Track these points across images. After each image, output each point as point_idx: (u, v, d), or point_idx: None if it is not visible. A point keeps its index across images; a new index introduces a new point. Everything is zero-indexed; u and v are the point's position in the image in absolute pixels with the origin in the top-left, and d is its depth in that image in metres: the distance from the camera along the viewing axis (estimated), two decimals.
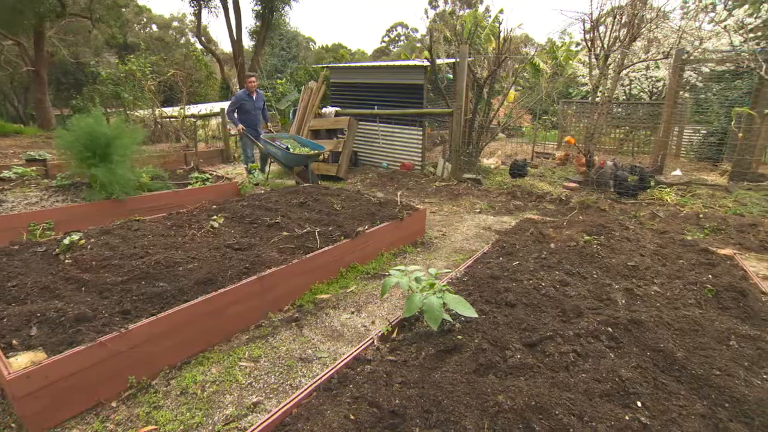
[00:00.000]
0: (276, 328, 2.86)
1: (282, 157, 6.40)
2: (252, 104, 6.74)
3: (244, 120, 6.69)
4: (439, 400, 1.45)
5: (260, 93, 6.95)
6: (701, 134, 9.35)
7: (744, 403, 1.52)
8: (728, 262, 3.12)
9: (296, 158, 6.42)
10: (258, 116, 6.90)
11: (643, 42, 8.60)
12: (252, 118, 6.78)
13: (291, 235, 3.52)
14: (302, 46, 25.30)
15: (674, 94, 7.36)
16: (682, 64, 7.50)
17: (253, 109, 6.76)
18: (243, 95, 6.74)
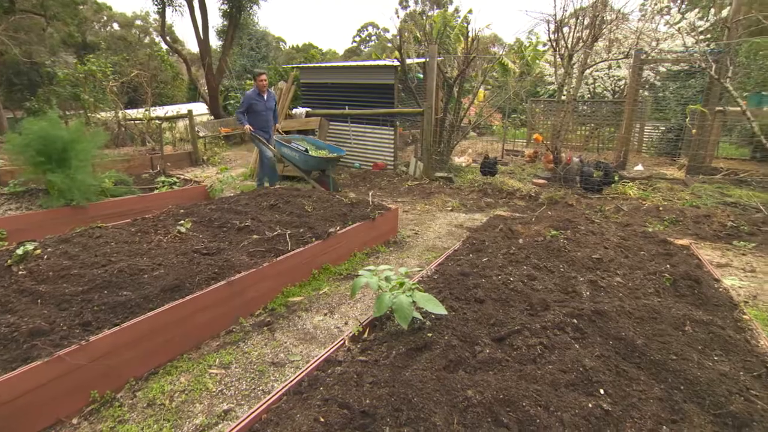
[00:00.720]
0: (247, 333, 2.81)
1: (299, 161, 5.83)
2: (263, 105, 6.19)
3: (253, 122, 6.15)
4: (409, 398, 1.46)
5: (271, 93, 6.42)
6: (660, 131, 9.78)
7: (697, 385, 1.60)
8: (685, 252, 3.27)
9: (316, 161, 5.81)
10: (269, 118, 6.36)
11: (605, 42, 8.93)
12: (263, 119, 6.22)
13: (261, 238, 3.46)
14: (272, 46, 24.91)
15: (634, 92, 7.67)
16: (640, 63, 7.82)
17: (264, 110, 6.21)
18: (253, 95, 6.18)
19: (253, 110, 6.15)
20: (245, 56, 19.20)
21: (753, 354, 1.90)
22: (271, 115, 6.42)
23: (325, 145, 6.38)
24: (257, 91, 6.17)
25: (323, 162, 5.86)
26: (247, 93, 6.29)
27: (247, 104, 6.15)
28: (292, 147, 5.85)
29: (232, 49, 14.22)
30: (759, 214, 5.08)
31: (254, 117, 6.15)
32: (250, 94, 6.22)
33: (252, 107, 6.14)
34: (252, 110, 6.15)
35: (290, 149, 5.83)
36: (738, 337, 2.02)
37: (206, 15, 11.95)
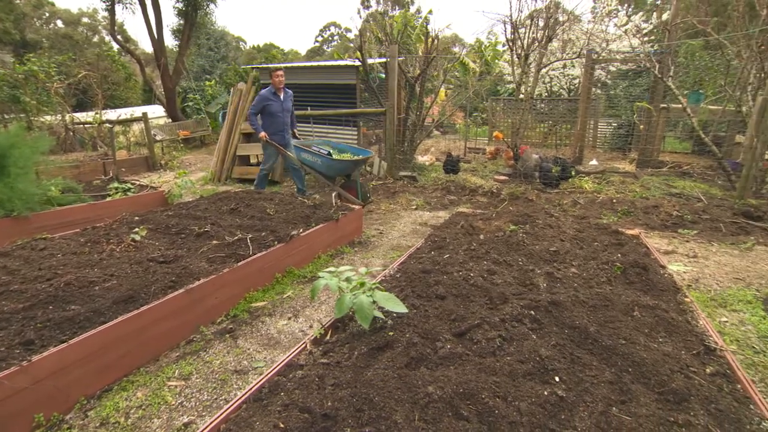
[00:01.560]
0: (209, 342, 2.72)
1: (323, 166, 5.18)
2: (279, 105, 5.48)
3: (269, 126, 5.42)
4: (370, 398, 1.46)
5: (288, 92, 5.69)
6: (612, 127, 10.26)
7: (643, 366, 1.69)
8: (635, 241, 3.45)
9: (341, 165, 5.20)
10: (287, 120, 5.64)
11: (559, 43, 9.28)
12: (280, 122, 5.51)
13: (221, 244, 3.37)
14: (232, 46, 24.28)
15: (587, 90, 8.02)
16: (592, 63, 8.18)
17: (280, 111, 5.50)
18: (268, 95, 5.45)
19: (268, 112, 5.44)
20: (203, 56, 18.61)
21: (693, 334, 2.03)
22: (288, 118, 5.71)
23: (347, 147, 5.76)
24: (273, 90, 5.47)
25: (350, 166, 5.26)
26: (261, 92, 5.55)
27: (260, 105, 5.42)
28: (312, 151, 5.26)
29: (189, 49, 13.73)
30: (700, 204, 5.43)
31: (270, 120, 5.47)
32: (265, 93, 5.49)
33: (267, 108, 5.42)
34: (267, 112, 5.45)
35: (311, 154, 5.23)
36: (680, 319, 2.15)
37: (160, 13, 11.48)
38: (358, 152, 5.62)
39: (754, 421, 1.51)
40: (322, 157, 5.15)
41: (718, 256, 4.20)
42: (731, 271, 3.85)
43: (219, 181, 7.50)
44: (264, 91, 5.53)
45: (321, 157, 5.15)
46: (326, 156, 5.14)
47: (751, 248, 4.37)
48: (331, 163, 5.14)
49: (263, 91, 5.53)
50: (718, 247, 4.44)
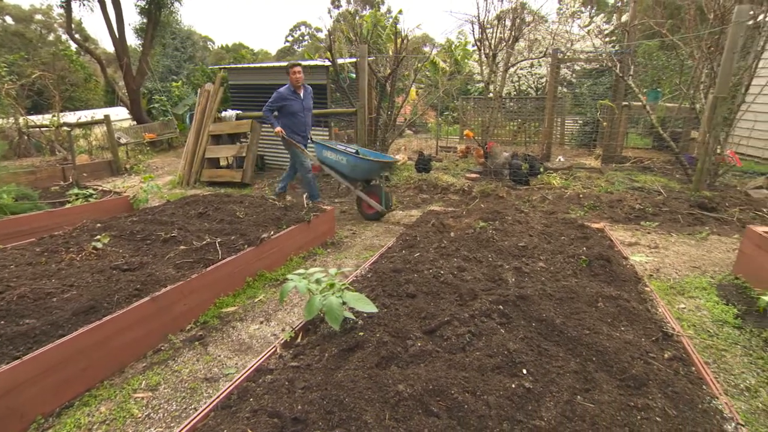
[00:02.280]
0: (178, 350, 2.65)
1: (347, 166, 4.76)
2: (299, 104, 5.15)
3: (289, 126, 5.12)
4: (340, 399, 1.45)
5: (308, 89, 5.34)
6: (578, 124, 10.59)
7: (606, 355, 1.75)
8: (599, 235, 3.57)
9: (369, 166, 4.74)
10: (308, 120, 5.32)
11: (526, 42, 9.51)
12: (300, 122, 5.18)
13: (189, 249, 3.28)
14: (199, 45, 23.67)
15: (553, 89, 8.23)
16: (558, 62, 8.41)
17: (301, 110, 5.17)
18: (286, 93, 5.10)
19: (288, 111, 5.13)
20: (169, 56, 18.06)
21: (652, 321, 2.12)
22: (309, 117, 5.37)
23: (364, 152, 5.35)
24: (291, 88, 5.12)
25: (377, 168, 4.81)
26: (279, 90, 5.16)
27: (277, 104, 5.10)
28: (337, 149, 4.86)
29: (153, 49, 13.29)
30: (660, 197, 5.68)
31: (288, 120, 5.15)
32: (283, 91, 5.12)
33: (285, 108, 5.12)
34: (286, 111, 5.14)
35: (335, 152, 4.82)
36: (641, 307, 2.24)
37: (121, 11, 11.04)
38: (378, 156, 5.27)
39: (705, 400, 1.59)
40: (348, 156, 4.71)
41: (676, 246, 4.40)
42: (688, 260, 4.04)
43: (188, 184, 7.30)
44: (282, 89, 5.15)
45: (347, 156, 4.71)
46: (354, 155, 4.73)
47: (706, 238, 4.61)
48: (358, 163, 4.70)
49: (282, 90, 5.15)
50: (676, 237, 4.66)
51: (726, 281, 3.53)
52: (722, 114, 5.63)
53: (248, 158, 7.05)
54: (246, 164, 7.03)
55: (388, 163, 4.88)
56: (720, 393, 1.67)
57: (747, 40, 5.86)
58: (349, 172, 4.83)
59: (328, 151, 4.92)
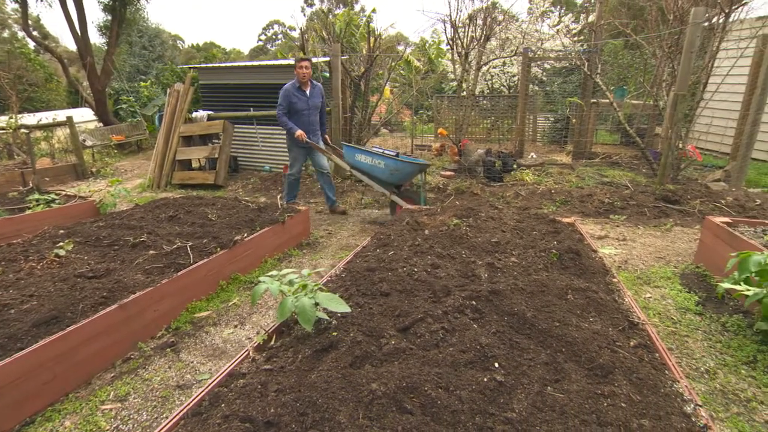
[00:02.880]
0: (148, 358, 2.57)
1: (385, 171, 4.51)
2: (305, 102, 4.83)
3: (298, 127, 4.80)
4: (314, 401, 1.44)
5: (317, 86, 5.01)
6: (550, 121, 10.85)
7: (575, 345, 1.80)
8: (570, 229, 3.66)
9: (409, 169, 4.54)
10: (315, 119, 5.01)
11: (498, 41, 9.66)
12: (305, 121, 4.87)
13: (159, 253, 3.19)
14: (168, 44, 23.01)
15: (525, 87, 8.40)
16: (528, 61, 8.58)
17: (306, 108, 4.84)
18: (291, 89, 4.75)
19: (293, 110, 4.82)
20: (137, 56, 17.50)
21: (619, 311, 2.19)
22: (317, 116, 5.02)
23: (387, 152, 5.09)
24: (297, 84, 4.78)
25: (416, 171, 4.65)
26: (285, 86, 4.80)
27: (286, 102, 4.74)
28: (374, 152, 4.62)
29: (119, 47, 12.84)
30: (627, 191, 5.88)
31: (293, 119, 4.85)
32: (289, 87, 4.76)
33: (291, 106, 4.79)
34: (291, 110, 4.82)
35: (371, 156, 4.58)
36: (608, 298, 2.31)
37: (83, 8, 10.60)
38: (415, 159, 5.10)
39: (667, 384, 1.65)
40: (387, 159, 4.48)
41: (643, 238, 4.57)
42: (654, 251, 4.20)
43: (158, 187, 7.10)
44: (287, 85, 4.82)
45: (386, 159, 4.49)
46: (394, 158, 4.51)
47: (670, 229, 4.80)
48: (399, 167, 4.48)
49: (287, 86, 4.81)
50: (643, 229, 4.83)
51: (688, 270, 3.69)
52: (683, 111, 5.86)
53: (221, 159, 6.91)
54: (219, 166, 6.89)
55: (425, 165, 4.76)
56: (681, 377, 1.74)
57: (704, 40, 6.13)
58: (387, 177, 4.60)
59: (361, 155, 4.68)
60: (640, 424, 1.44)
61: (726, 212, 4.93)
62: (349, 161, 4.84)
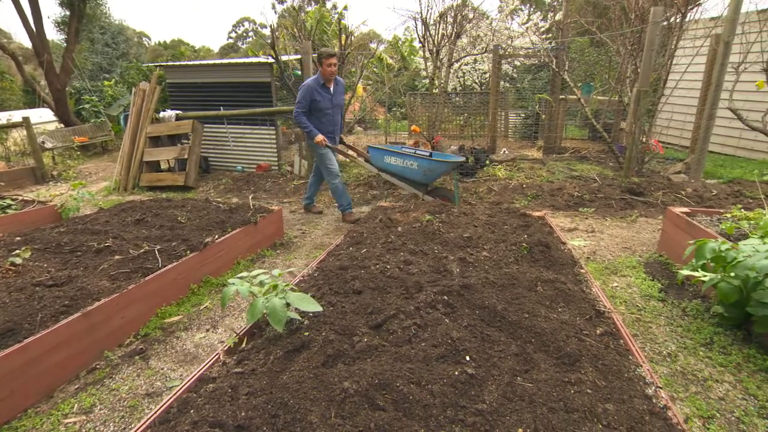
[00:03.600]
0: (115, 367, 2.49)
1: (419, 171, 4.38)
2: (329, 100, 4.46)
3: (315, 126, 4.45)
4: (285, 402, 1.43)
5: (340, 82, 4.62)
6: (521, 117, 11.06)
7: (544, 336, 1.85)
8: (540, 222, 3.74)
9: (444, 168, 4.43)
10: (337, 119, 4.64)
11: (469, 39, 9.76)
12: (329, 121, 4.52)
13: (125, 258, 3.08)
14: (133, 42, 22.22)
15: (496, 84, 8.53)
16: (499, 58, 8.72)
17: (330, 107, 4.49)
18: (315, 85, 4.33)
19: (315, 108, 4.43)
20: (99, 53, 16.82)
21: (586, 301, 2.26)
22: (339, 115, 4.66)
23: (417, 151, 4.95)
24: (321, 80, 4.35)
25: (449, 169, 4.55)
26: (307, 83, 4.39)
27: (307, 100, 4.33)
28: (405, 153, 4.45)
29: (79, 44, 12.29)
30: (595, 184, 6.06)
31: (315, 119, 4.48)
32: (311, 84, 4.34)
33: (313, 104, 4.39)
34: (313, 109, 4.43)
35: (403, 158, 4.41)
36: (576, 288, 2.38)
37: (36, 2, 10.08)
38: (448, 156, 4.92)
39: (631, 369, 1.72)
40: (420, 160, 4.35)
41: (611, 229, 4.72)
42: (621, 241, 4.35)
43: (125, 190, 6.86)
44: (310, 81, 4.39)
45: (419, 160, 4.35)
46: (427, 158, 4.39)
47: (635, 220, 4.98)
48: (434, 167, 4.38)
49: (309, 81, 4.39)
50: (610, 221, 5.00)
51: (652, 259, 3.84)
52: (646, 106, 6.09)
53: (191, 160, 6.73)
54: (189, 166, 6.71)
55: (462, 161, 4.65)
56: (644, 361, 1.81)
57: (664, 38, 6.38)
58: (421, 178, 4.49)
59: (391, 157, 4.51)
60: (604, 408, 1.50)
61: (686, 203, 5.16)
62: (378, 164, 4.65)
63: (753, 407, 2.04)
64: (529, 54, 9.71)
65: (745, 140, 7.84)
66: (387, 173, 4.64)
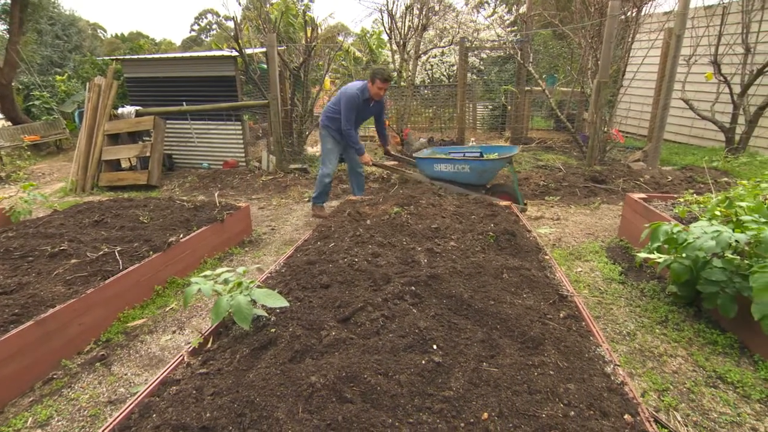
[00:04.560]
0: (75, 376, 2.38)
1: (473, 174, 4.27)
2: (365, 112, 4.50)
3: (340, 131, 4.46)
4: (251, 400, 1.40)
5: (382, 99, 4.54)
6: (488, 109, 11.24)
7: (509, 321, 1.89)
8: (507, 211, 3.82)
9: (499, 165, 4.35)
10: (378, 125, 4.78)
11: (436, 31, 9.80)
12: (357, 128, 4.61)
13: (82, 262, 2.95)
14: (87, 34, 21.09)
15: (463, 76, 8.61)
16: (466, 50, 8.81)
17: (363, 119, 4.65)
18: (360, 100, 4.26)
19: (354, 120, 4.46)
20: (49, 45, 15.85)
21: (550, 286, 2.33)
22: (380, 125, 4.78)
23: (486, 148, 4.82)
24: (366, 96, 4.29)
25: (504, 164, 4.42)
26: (350, 92, 4.26)
27: (354, 114, 4.29)
28: (454, 158, 4.32)
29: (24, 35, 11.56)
30: (560, 173, 6.25)
31: None
32: (358, 97, 4.24)
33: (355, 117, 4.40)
34: None
35: (452, 163, 4.28)
36: (540, 275, 2.45)
37: None
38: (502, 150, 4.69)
39: (591, 349, 1.79)
40: (472, 162, 4.23)
41: (575, 216, 4.89)
42: (584, 228, 4.51)
43: (83, 191, 6.54)
44: (356, 92, 4.25)
45: (471, 162, 4.23)
46: (478, 159, 4.29)
47: (598, 207, 5.17)
48: (488, 166, 4.26)
49: (354, 92, 4.24)
50: (575, 208, 5.17)
51: (613, 244, 4.00)
52: (606, 97, 6.30)
53: (153, 158, 6.48)
54: (151, 165, 6.46)
55: (512, 155, 4.46)
56: (603, 341, 1.89)
57: (621, 32, 6.60)
58: (476, 180, 4.35)
59: (441, 165, 4.36)
60: (566, 388, 1.55)
61: (644, 189, 5.39)
62: (429, 174, 4.51)
63: (701, 378, 2.17)
64: (494, 46, 9.86)
65: (697, 129, 8.26)
66: (439, 180, 4.49)
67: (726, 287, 2.38)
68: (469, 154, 4.62)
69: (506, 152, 4.58)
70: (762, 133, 7.01)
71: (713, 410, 1.98)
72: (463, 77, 8.41)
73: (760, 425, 1.89)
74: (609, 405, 1.49)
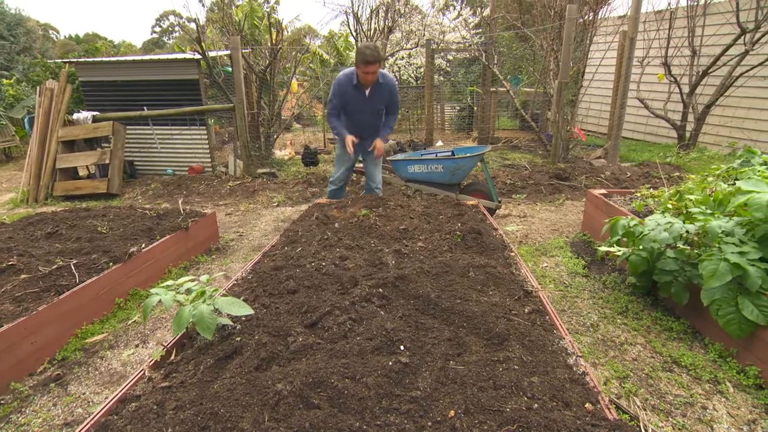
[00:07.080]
0: (26, 399, 2.25)
1: (446, 173, 4.25)
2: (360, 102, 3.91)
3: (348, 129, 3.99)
4: (215, 412, 1.37)
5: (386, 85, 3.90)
6: (456, 110, 11.42)
7: (475, 319, 1.93)
8: (474, 210, 3.89)
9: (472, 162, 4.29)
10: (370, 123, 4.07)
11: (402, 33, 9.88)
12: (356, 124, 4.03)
13: (33, 277, 2.79)
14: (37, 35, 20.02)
15: (430, 77, 8.72)
16: (432, 52, 8.92)
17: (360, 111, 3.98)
18: (347, 84, 3.81)
19: (345, 109, 3.98)
20: None
21: (515, 282, 2.39)
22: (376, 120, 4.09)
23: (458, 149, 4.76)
24: (354, 81, 3.79)
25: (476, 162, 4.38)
26: (339, 78, 3.86)
27: (338, 99, 3.86)
28: (427, 159, 4.29)
29: None
30: (526, 172, 6.42)
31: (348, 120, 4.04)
32: (344, 81, 3.81)
33: (344, 105, 3.92)
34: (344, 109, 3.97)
35: (426, 163, 4.26)
36: (506, 271, 2.50)
37: None
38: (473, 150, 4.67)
39: (555, 342, 1.84)
40: (444, 161, 4.22)
41: (541, 213, 5.03)
42: (550, 224, 4.65)
43: (36, 201, 6.21)
44: (343, 77, 3.85)
45: (443, 161, 4.23)
46: (451, 158, 4.28)
47: (563, 203, 5.34)
48: (460, 164, 4.24)
49: (342, 77, 3.85)
50: (541, 206, 5.31)
51: (577, 239, 4.14)
52: (567, 97, 6.53)
53: (113, 165, 6.23)
54: (111, 172, 6.20)
55: (485, 150, 4.51)
56: (566, 334, 1.95)
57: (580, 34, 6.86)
58: (450, 179, 4.37)
59: (415, 166, 4.35)
60: (530, 381, 1.59)
61: (605, 185, 5.61)
62: (403, 175, 4.48)
63: (659, 363, 2.28)
64: (460, 48, 10.03)
65: (652, 126, 8.68)
66: (415, 182, 4.49)
67: (678, 276, 2.51)
68: (441, 155, 4.67)
69: (477, 151, 4.69)
70: (709, 130, 7.45)
71: (669, 393, 2.08)
72: (430, 79, 8.51)
73: (709, 403, 2.00)
74: (571, 395, 1.54)
